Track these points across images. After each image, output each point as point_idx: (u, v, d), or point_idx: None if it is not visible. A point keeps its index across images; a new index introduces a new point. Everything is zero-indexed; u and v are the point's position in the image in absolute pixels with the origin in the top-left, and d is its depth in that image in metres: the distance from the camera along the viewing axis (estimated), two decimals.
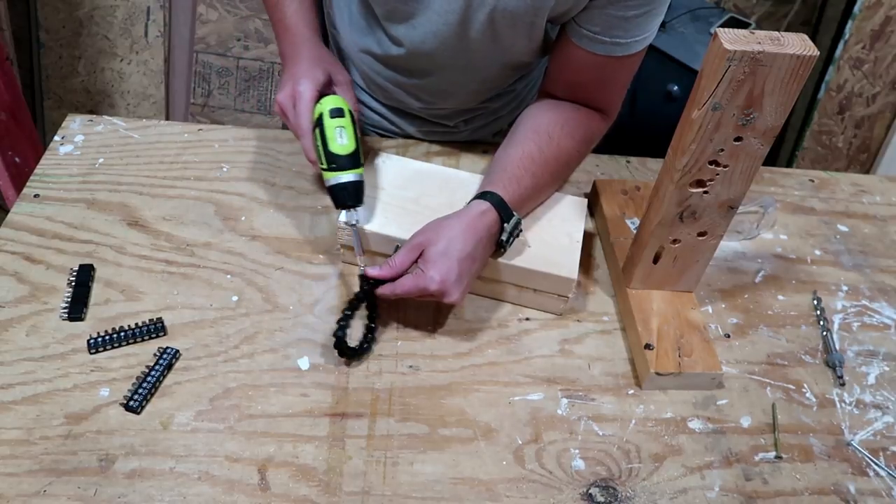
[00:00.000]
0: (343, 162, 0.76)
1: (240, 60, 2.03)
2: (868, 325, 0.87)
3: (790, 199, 1.03)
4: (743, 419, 0.75)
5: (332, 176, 0.77)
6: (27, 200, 0.88)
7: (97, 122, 1.00)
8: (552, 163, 0.83)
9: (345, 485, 0.66)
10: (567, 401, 0.75)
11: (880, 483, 0.71)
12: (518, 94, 1.03)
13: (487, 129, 1.05)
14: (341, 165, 0.76)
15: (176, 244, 0.85)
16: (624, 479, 0.69)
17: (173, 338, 0.76)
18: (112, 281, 0.80)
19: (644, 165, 1.05)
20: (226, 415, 0.70)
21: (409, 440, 0.70)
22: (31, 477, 0.64)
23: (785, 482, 0.70)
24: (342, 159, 0.76)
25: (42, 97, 1.98)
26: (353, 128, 0.78)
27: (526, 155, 0.82)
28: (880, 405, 0.78)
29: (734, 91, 0.63)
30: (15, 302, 0.77)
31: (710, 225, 0.76)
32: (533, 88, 1.06)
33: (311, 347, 0.76)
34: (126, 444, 0.67)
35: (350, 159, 0.76)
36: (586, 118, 0.86)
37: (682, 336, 0.78)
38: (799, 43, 0.61)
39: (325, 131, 0.77)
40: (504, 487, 0.67)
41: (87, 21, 1.92)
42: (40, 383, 0.70)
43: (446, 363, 0.77)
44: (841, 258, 0.95)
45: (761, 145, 0.68)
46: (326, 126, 0.77)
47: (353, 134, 0.77)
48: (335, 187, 0.77)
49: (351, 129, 0.77)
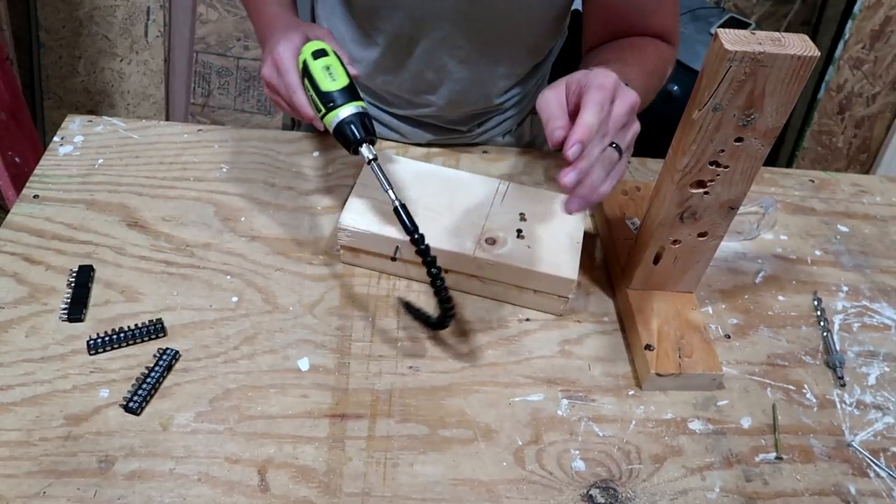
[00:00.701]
0: (339, 98, 0.71)
1: (240, 60, 2.03)
2: (868, 326, 0.86)
3: (790, 199, 1.03)
4: (743, 420, 0.75)
5: (332, 116, 0.71)
6: (26, 201, 0.88)
7: (96, 123, 1.00)
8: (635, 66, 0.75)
9: (345, 486, 0.66)
10: (567, 402, 0.75)
11: (881, 484, 0.71)
12: (528, 93, 1.03)
13: (498, 129, 1.05)
14: (338, 102, 0.71)
15: (176, 245, 0.85)
16: (624, 480, 0.69)
17: (173, 339, 0.76)
18: (112, 282, 0.80)
19: (644, 165, 1.05)
20: (225, 416, 0.70)
21: (409, 441, 0.70)
22: (30, 478, 0.64)
23: (785, 483, 0.70)
24: (337, 95, 0.71)
25: (42, 97, 1.98)
26: (341, 64, 0.73)
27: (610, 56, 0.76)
28: (881, 406, 0.78)
29: (735, 92, 0.63)
30: (14, 303, 0.77)
31: (710, 225, 0.76)
32: (542, 84, 1.06)
33: (311, 348, 0.76)
34: (126, 446, 0.67)
35: (345, 93, 0.71)
36: (647, 40, 0.80)
37: (683, 337, 0.78)
38: (799, 43, 0.61)
39: (313, 74, 0.72)
40: (504, 488, 0.67)
41: (87, 21, 1.92)
42: (40, 384, 0.70)
43: (446, 364, 0.77)
44: (841, 258, 0.95)
45: (762, 146, 0.68)
46: (312, 69, 0.72)
47: (342, 70, 0.72)
48: (340, 125, 0.71)
49: (339, 65, 0.72)
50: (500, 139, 1.06)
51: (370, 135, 0.71)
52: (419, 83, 0.92)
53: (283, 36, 0.76)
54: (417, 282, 0.84)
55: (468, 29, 0.84)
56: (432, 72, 0.90)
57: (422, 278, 0.84)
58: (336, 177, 0.96)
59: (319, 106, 0.72)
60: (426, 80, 0.91)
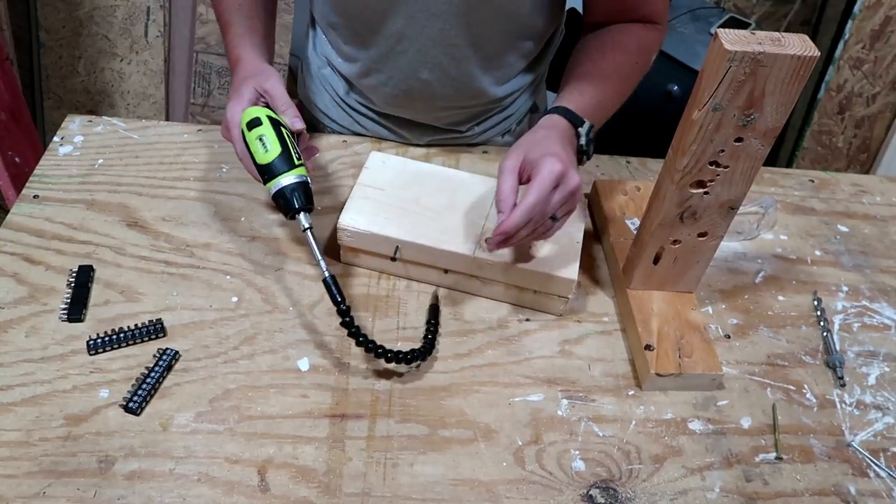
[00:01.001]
0: (272, 169, 0.73)
1: None
2: (868, 326, 0.86)
3: (790, 199, 1.03)
4: (743, 420, 0.75)
5: (270, 186, 0.73)
6: (26, 201, 0.88)
7: (96, 123, 0.99)
8: (611, 76, 0.85)
9: (345, 486, 0.66)
10: (567, 402, 0.75)
11: (881, 484, 0.71)
12: (525, 91, 1.03)
13: (497, 128, 1.05)
14: (273, 173, 0.73)
15: (175, 245, 0.85)
16: (624, 481, 0.69)
17: (173, 339, 0.76)
18: (111, 282, 0.80)
19: (644, 166, 1.05)
20: (225, 416, 0.70)
21: (409, 441, 0.70)
22: (30, 478, 0.64)
23: (785, 483, 0.70)
24: (270, 167, 0.73)
25: (42, 97, 1.98)
26: (276, 130, 0.74)
27: (583, 72, 0.84)
28: (881, 406, 0.78)
29: (735, 92, 0.63)
30: (14, 303, 0.77)
31: (710, 225, 0.76)
32: (540, 84, 1.06)
33: (311, 348, 0.76)
34: (126, 446, 0.67)
35: (279, 163, 0.73)
36: (635, 31, 0.88)
37: (683, 337, 0.78)
38: (799, 43, 0.61)
39: (248, 146, 0.75)
40: (504, 488, 0.67)
41: (87, 21, 1.92)
42: (39, 385, 0.70)
43: (446, 364, 0.77)
44: (841, 258, 0.95)
45: (762, 146, 0.68)
46: (248, 140, 0.75)
47: (275, 138, 0.73)
48: (275, 196, 0.73)
49: (272, 133, 0.74)
50: (499, 139, 1.06)
51: (307, 203, 0.73)
52: (414, 82, 0.92)
53: (236, 94, 0.78)
54: (417, 282, 0.84)
55: (462, 24, 0.85)
56: (427, 70, 0.90)
57: (422, 278, 0.84)
58: (336, 177, 0.96)
59: (260, 176, 0.75)
60: (421, 79, 0.91)
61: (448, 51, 0.88)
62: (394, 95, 0.95)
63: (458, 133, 1.02)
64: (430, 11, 0.84)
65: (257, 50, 0.85)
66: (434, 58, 0.89)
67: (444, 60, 0.89)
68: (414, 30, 0.86)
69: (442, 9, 0.83)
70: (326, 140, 1.02)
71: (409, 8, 0.84)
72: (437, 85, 0.92)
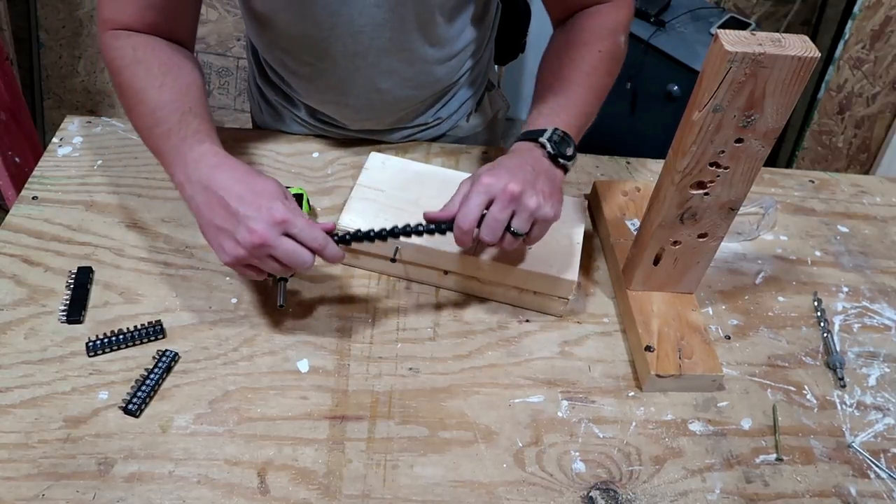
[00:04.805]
0: None
1: (240, 60, 2.03)
2: (868, 327, 0.86)
3: (790, 199, 1.03)
4: (743, 421, 0.75)
5: None
6: (25, 202, 0.88)
7: (95, 124, 0.99)
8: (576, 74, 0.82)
9: (344, 488, 0.66)
10: (567, 403, 0.74)
11: (881, 485, 0.71)
12: (475, 67, 1.00)
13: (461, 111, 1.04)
14: None
15: (175, 246, 0.85)
16: (624, 482, 0.69)
17: (172, 340, 0.75)
18: (111, 283, 0.80)
19: (644, 166, 1.05)
20: (225, 418, 0.70)
21: (409, 443, 0.70)
22: (29, 481, 0.63)
23: (786, 484, 0.70)
24: None
25: (42, 97, 1.98)
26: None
27: (543, 87, 0.83)
28: (881, 407, 0.78)
29: (735, 93, 0.63)
30: (13, 304, 0.77)
31: (710, 226, 0.76)
32: (489, 58, 1.05)
33: (311, 350, 0.76)
34: (125, 448, 0.66)
35: None
36: (595, 16, 0.85)
37: (683, 338, 0.78)
38: (800, 44, 0.61)
39: None
40: (504, 490, 0.67)
41: (87, 21, 1.92)
42: (39, 386, 0.70)
43: (446, 365, 0.76)
44: (841, 259, 0.95)
45: (762, 147, 0.68)
46: None
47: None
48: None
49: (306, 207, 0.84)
50: (464, 123, 1.05)
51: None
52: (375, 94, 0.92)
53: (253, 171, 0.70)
54: (417, 283, 0.84)
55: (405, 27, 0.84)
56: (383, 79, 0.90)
57: (421, 279, 0.84)
58: (336, 177, 0.96)
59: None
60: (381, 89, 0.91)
61: (402, 56, 0.88)
62: (356, 111, 0.95)
63: (425, 124, 1.02)
64: (374, 23, 0.83)
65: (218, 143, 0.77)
66: (388, 65, 0.89)
67: (399, 66, 0.89)
68: (362, 45, 0.86)
69: (385, 17, 0.82)
70: (326, 140, 1.01)
71: (352, 26, 0.83)
72: (397, 89, 0.92)
